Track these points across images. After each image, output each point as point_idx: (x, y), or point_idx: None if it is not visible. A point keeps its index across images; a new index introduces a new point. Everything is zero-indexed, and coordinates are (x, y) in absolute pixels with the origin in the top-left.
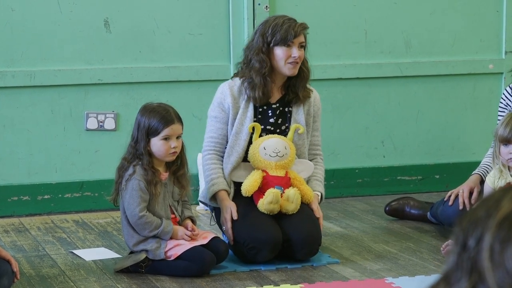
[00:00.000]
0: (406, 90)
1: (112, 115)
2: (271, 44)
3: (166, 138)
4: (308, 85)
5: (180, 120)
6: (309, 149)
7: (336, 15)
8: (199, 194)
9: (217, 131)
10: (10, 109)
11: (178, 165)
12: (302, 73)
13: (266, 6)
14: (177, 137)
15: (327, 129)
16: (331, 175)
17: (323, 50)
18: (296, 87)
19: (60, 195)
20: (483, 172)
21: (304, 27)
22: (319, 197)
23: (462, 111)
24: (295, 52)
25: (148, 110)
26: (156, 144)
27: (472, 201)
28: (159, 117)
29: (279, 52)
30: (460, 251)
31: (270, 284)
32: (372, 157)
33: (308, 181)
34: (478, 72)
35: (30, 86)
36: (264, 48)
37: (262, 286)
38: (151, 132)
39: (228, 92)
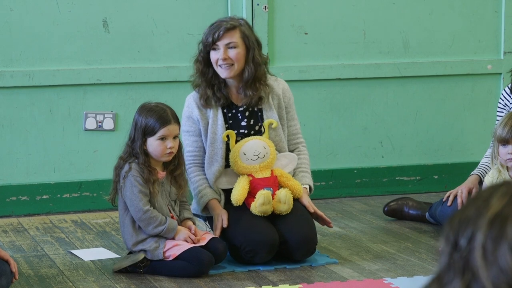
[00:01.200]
0: (405, 90)
1: (111, 115)
2: (207, 50)
3: (162, 138)
4: (261, 83)
5: (177, 121)
6: (289, 139)
7: (334, 15)
8: (191, 207)
9: (192, 144)
10: (8, 109)
11: (175, 164)
12: (243, 75)
13: (265, 6)
14: (174, 138)
15: (325, 129)
16: (329, 175)
17: (321, 50)
18: (241, 89)
19: (58, 195)
20: (481, 173)
21: (227, 28)
22: (308, 190)
23: (460, 112)
24: (221, 54)
25: (145, 109)
26: (152, 144)
27: None
28: (156, 117)
29: (211, 55)
30: (452, 251)
31: (269, 285)
32: (371, 158)
33: (294, 174)
34: (476, 72)
35: (28, 86)
36: (200, 57)
37: (261, 287)
38: (147, 132)
39: (194, 105)
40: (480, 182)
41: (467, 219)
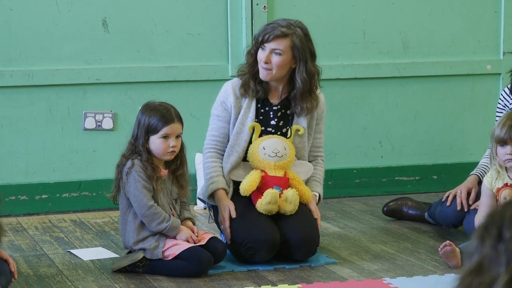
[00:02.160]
0: (404, 90)
1: (110, 115)
2: (256, 46)
3: (165, 137)
4: (314, 94)
5: (180, 120)
6: (310, 150)
7: (334, 15)
8: (198, 191)
9: (219, 129)
10: (8, 109)
11: (177, 164)
12: (296, 84)
13: (264, 6)
14: (177, 137)
15: (325, 129)
16: (329, 176)
17: (321, 50)
18: (295, 99)
19: (57, 195)
20: (481, 173)
21: (278, 35)
22: (317, 198)
23: (460, 112)
24: (264, 56)
25: (149, 108)
26: (155, 142)
27: (470, 202)
28: (159, 115)
29: (258, 53)
30: (495, 243)
31: (268, 284)
32: (370, 158)
33: (306, 182)
34: (476, 73)
35: (28, 86)
36: (252, 50)
37: (260, 286)
38: (150, 130)
39: (231, 91)
40: (480, 182)
41: (511, 214)
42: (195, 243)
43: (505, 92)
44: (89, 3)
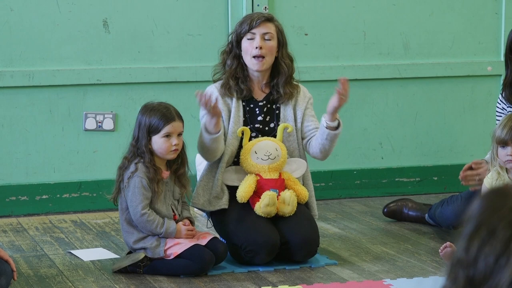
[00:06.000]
0: (405, 91)
1: (111, 116)
2: (238, 39)
3: (167, 136)
4: (294, 82)
5: (180, 118)
6: (310, 132)
7: (335, 16)
8: (192, 198)
9: None
10: (8, 109)
11: (178, 164)
12: (281, 69)
13: (265, 7)
14: (178, 135)
15: None
16: (329, 176)
17: (321, 51)
18: (278, 86)
19: (58, 195)
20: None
21: (266, 17)
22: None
23: (460, 113)
24: (257, 42)
25: (148, 109)
26: (157, 142)
27: (474, 166)
28: (160, 115)
29: (245, 44)
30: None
31: (268, 285)
32: (370, 159)
33: (312, 138)
34: (476, 74)
35: (28, 86)
36: (233, 48)
37: (260, 287)
38: (152, 130)
39: (216, 93)
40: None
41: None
42: (191, 236)
43: (502, 96)
44: (90, 4)
